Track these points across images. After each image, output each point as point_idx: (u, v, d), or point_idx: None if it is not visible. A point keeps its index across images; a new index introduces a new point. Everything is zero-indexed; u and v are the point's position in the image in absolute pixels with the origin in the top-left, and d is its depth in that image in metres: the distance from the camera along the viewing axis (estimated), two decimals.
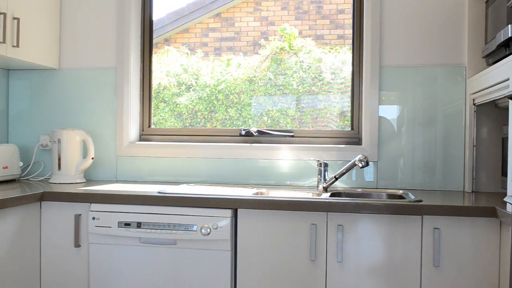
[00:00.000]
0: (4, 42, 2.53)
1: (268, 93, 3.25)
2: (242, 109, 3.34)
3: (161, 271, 2.25)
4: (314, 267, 2.14)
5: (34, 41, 2.80)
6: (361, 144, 2.80)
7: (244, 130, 2.92)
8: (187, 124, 3.45)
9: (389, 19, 2.75)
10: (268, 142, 2.90)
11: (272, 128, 2.99)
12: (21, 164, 2.88)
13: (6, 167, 2.73)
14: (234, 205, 2.21)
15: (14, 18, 2.60)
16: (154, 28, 3.17)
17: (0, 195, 2.24)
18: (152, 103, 3.14)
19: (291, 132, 2.92)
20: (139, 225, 2.25)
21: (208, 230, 2.19)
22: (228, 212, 2.20)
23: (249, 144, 2.87)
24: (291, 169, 2.81)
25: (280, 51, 3.33)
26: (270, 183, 2.82)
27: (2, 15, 2.52)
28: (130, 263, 2.29)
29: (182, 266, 2.24)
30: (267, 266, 2.18)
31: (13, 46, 2.60)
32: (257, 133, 2.90)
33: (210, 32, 3.72)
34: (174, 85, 3.55)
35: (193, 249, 2.22)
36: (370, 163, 2.70)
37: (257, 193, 2.51)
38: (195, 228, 2.20)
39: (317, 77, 3.17)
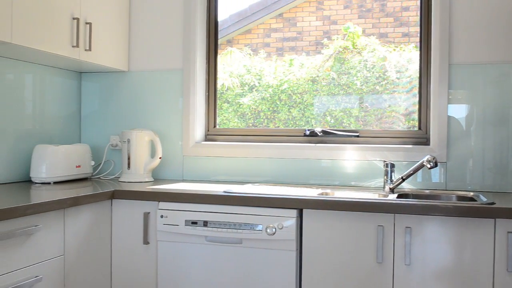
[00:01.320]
0: (77, 46, 2.63)
1: (331, 93, 3.23)
2: (305, 109, 3.33)
3: (226, 270, 2.28)
4: (380, 269, 2.11)
5: (105, 44, 2.91)
6: (429, 145, 2.73)
7: (308, 130, 2.91)
8: (250, 124, 3.48)
9: (459, 15, 2.66)
10: (332, 142, 2.88)
11: (336, 128, 2.97)
12: (92, 163, 2.99)
13: (79, 166, 2.85)
14: (299, 205, 2.21)
15: (86, 23, 2.71)
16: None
17: (73, 192, 2.35)
18: (217, 104, 3.19)
19: (356, 132, 2.89)
20: (205, 223, 2.29)
21: (274, 230, 2.20)
22: (294, 212, 2.20)
23: (313, 144, 2.86)
24: (356, 169, 2.78)
25: (343, 50, 3.30)
26: (335, 183, 2.80)
27: (75, 20, 2.62)
28: (197, 260, 2.33)
29: (247, 265, 2.26)
30: (333, 267, 2.17)
31: (85, 50, 2.70)
32: (321, 133, 2.88)
33: (272, 32, 3.72)
34: (237, 85, 3.59)
35: (258, 249, 2.24)
36: (439, 164, 2.63)
37: (322, 194, 2.50)
38: (260, 227, 2.22)
39: (381, 76, 3.12)
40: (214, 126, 3.13)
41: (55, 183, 2.69)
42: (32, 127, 2.87)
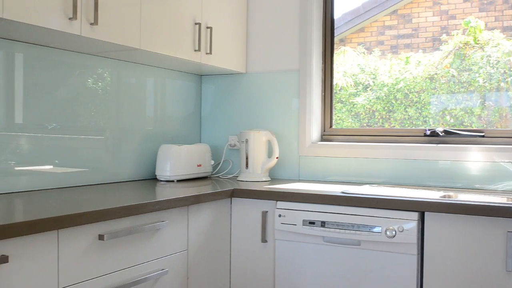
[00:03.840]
0: (199, 50, 2.74)
1: (451, 91, 3.11)
2: (422, 108, 3.23)
3: (344, 271, 2.27)
4: (510, 278, 1.98)
5: (225, 48, 3.00)
6: None
7: (429, 130, 2.80)
8: (364, 124, 3.43)
9: None
10: (455, 143, 2.75)
11: (456, 128, 2.84)
12: (212, 162, 3.10)
13: (200, 165, 2.96)
14: (421, 208, 2.13)
15: (207, 27, 2.81)
16: None
17: (195, 190, 2.45)
18: (333, 104, 3.17)
19: (482, 132, 2.73)
20: (323, 224, 2.29)
21: (393, 232, 2.15)
22: (415, 215, 2.14)
23: (434, 145, 2.75)
24: (481, 171, 2.63)
25: (464, 45, 3.16)
26: (457, 186, 2.67)
27: (197, 25, 2.74)
28: (314, 261, 2.33)
29: (365, 268, 2.22)
30: (456, 273, 2.07)
31: (206, 54, 2.81)
32: (443, 133, 2.77)
33: (386, 30, 3.66)
34: (351, 85, 3.56)
35: (377, 251, 2.20)
36: None
37: (444, 196, 2.40)
38: (379, 229, 2.18)
39: (506, 72, 2.95)
40: (330, 126, 3.12)
41: (178, 181, 2.82)
42: (156, 128, 3.03)
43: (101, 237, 1.78)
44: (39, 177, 2.35)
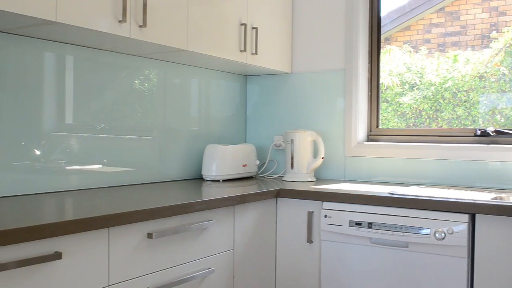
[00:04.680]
0: (245, 50, 2.76)
1: (502, 90, 3.02)
2: (471, 107, 3.15)
3: (391, 273, 2.23)
4: None
5: (270, 48, 3.01)
6: None
7: (479, 130, 2.73)
8: (411, 124, 3.38)
9: None
10: (507, 143, 2.67)
11: (507, 128, 2.75)
12: (257, 162, 3.10)
13: (245, 165, 2.98)
14: (471, 210, 2.08)
15: (253, 28, 2.82)
16: None
17: (241, 190, 2.46)
18: (380, 103, 3.13)
19: None
20: (370, 225, 2.26)
21: (443, 234, 2.10)
22: (465, 217, 2.09)
23: (485, 145, 2.68)
24: None
25: None
26: (508, 187, 2.59)
27: (243, 26, 2.75)
28: (361, 262, 2.31)
29: (413, 270, 2.19)
30: (509, 278, 2.01)
31: (252, 54, 2.82)
32: (494, 133, 2.68)
33: (433, 28, 3.59)
34: (397, 84, 3.51)
35: (425, 253, 2.16)
36: None
37: (496, 198, 2.33)
38: (428, 231, 2.13)
39: None
40: (377, 126, 3.08)
41: (223, 181, 2.84)
42: (201, 128, 3.06)
43: (149, 236, 1.81)
44: (88, 176, 2.41)
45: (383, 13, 3.14)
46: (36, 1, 1.77)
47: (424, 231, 2.14)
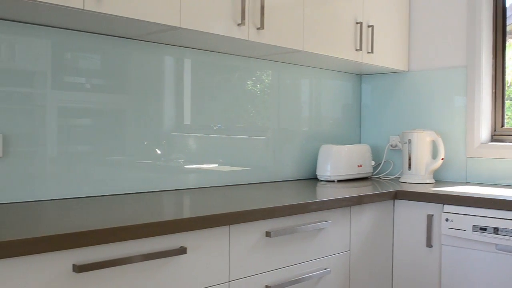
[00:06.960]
0: (360, 49, 2.72)
1: None
2: None
3: None
4: None
5: (386, 46, 2.94)
6: None
7: None
8: None
9: None
10: None
11: None
12: (373, 163, 3.05)
13: (361, 166, 2.93)
14: None
15: (368, 26, 2.77)
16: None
17: (356, 191, 2.42)
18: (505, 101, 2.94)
19: None
20: (496, 230, 2.13)
21: None
22: None
23: None
24: None
25: None
26: None
27: (358, 25, 2.71)
28: (485, 269, 2.19)
29: None
30: None
31: (368, 53, 2.77)
32: None
33: None
34: None
35: None
36: None
37: None
38: None
39: None
40: (502, 126, 2.90)
41: (338, 181, 2.82)
42: (315, 128, 3.06)
43: (268, 234, 1.84)
44: (205, 175, 2.50)
45: (508, 3, 2.94)
46: (162, 9, 1.87)
47: None
